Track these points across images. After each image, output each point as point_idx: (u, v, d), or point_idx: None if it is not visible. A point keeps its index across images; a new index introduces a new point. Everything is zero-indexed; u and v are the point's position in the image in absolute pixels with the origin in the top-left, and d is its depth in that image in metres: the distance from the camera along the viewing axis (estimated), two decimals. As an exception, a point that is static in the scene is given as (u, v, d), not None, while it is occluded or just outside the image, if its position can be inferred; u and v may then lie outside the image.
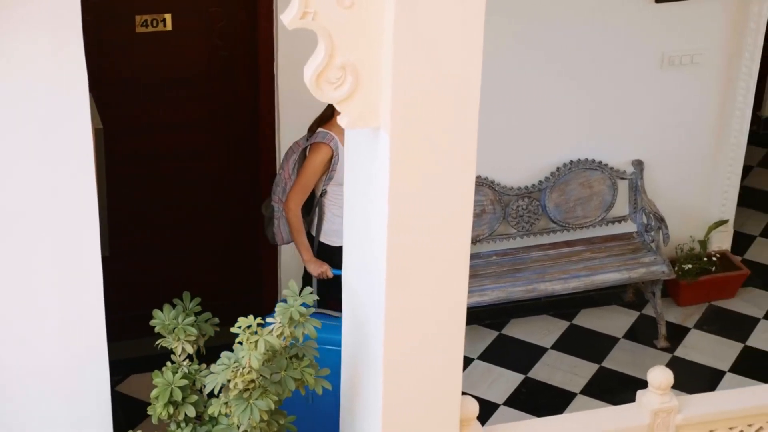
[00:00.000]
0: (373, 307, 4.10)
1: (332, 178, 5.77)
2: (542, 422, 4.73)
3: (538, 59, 6.59)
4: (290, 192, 5.78)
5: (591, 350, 6.78)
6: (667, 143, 7.01)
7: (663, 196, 7.07)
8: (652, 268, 6.75)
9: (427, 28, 3.62)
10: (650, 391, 4.67)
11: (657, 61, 6.75)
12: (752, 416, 4.77)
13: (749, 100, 6.96)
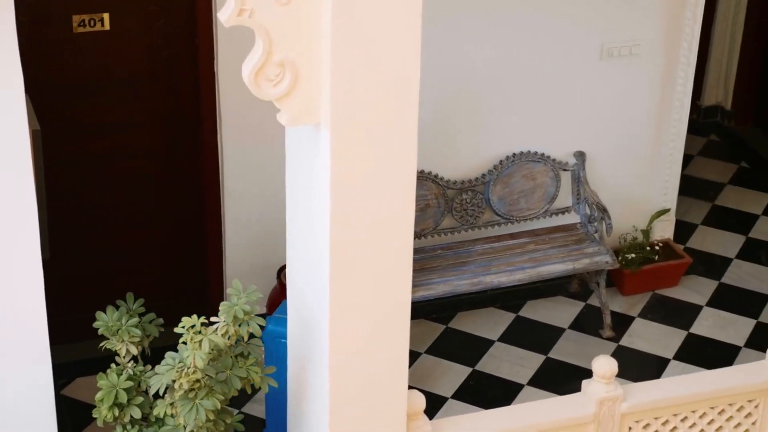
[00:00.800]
0: (318, 303, 4.10)
1: None
2: (489, 414, 4.76)
3: (480, 52, 6.61)
4: None
5: (537, 341, 6.82)
6: (609, 134, 7.06)
7: (605, 186, 7.13)
8: (596, 258, 6.80)
9: (365, 24, 3.62)
10: (595, 380, 4.72)
11: (597, 53, 6.80)
12: (696, 402, 4.83)
13: (688, 89, 7.03)
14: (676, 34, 6.88)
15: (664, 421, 4.83)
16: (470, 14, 6.50)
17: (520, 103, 6.81)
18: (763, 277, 7.40)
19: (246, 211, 6.45)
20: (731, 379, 4.85)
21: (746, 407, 4.89)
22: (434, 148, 6.69)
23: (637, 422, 4.80)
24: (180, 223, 6.50)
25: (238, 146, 6.31)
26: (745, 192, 8.26)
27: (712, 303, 7.17)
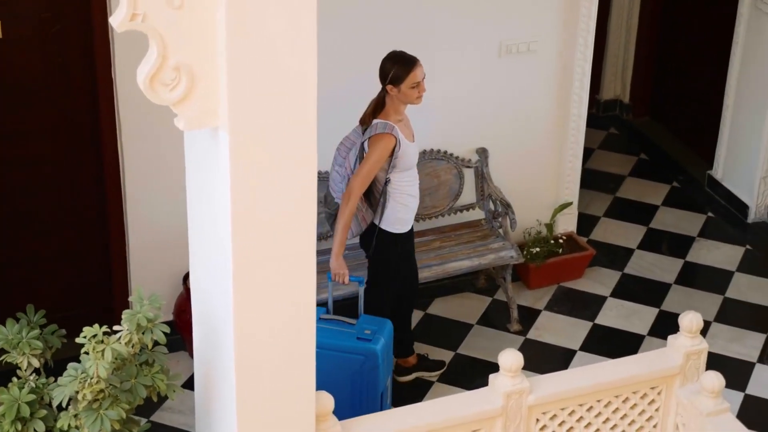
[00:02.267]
0: (222, 307, 4.08)
1: (396, 166, 5.92)
2: (398, 412, 4.76)
3: (379, 51, 6.62)
4: (354, 182, 5.88)
5: (446, 338, 6.87)
6: (510, 130, 7.14)
7: (508, 182, 7.20)
8: (502, 253, 6.87)
9: (260, 26, 3.61)
10: (501, 374, 4.75)
11: (495, 50, 6.87)
12: (601, 392, 4.89)
13: (585, 84, 7.14)
14: (571, 30, 6.98)
15: (570, 411, 4.89)
16: (366, 14, 6.52)
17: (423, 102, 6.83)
18: (664, 267, 7.55)
19: (149, 218, 6.39)
20: (634, 368, 4.93)
21: (649, 394, 4.98)
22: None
23: (544, 414, 4.85)
24: (82, 231, 6.41)
25: (139, 152, 6.25)
26: (645, 183, 8.41)
27: (615, 293, 7.29)
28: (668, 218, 8.03)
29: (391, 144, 5.86)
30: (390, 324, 6.01)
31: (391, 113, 5.94)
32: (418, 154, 6.18)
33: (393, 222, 6.05)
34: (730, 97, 7.90)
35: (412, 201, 6.10)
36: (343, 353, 5.82)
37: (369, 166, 5.86)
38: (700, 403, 4.78)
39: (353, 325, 5.89)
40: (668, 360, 4.94)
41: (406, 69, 5.87)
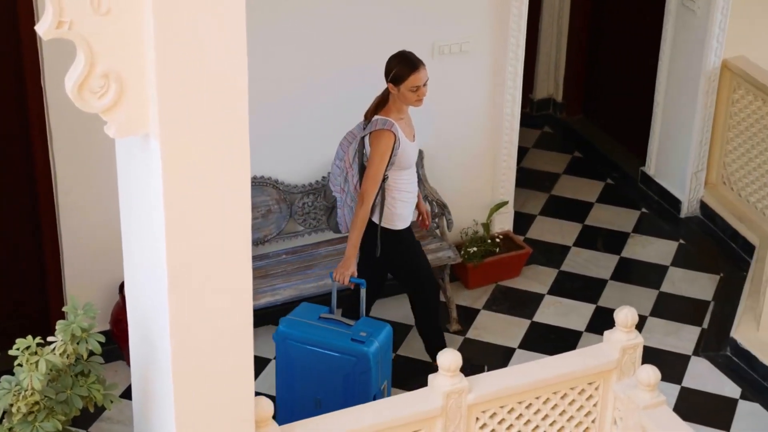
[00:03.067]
0: (158, 314, 4.05)
1: (394, 164, 5.94)
2: (338, 415, 4.75)
3: (313, 55, 6.63)
4: (365, 185, 5.91)
5: (386, 339, 6.87)
6: (445, 131, 7.17)
7: (444, 183, 7.23)
8: (439, 254, 6.89)
9: (189, 31, 3.59)
10: (441, 374, 4.77)
11: (428, 51, 6.89)
12: (539, 389, 4.93)
13: (518, 84, 7.19)
14: (503, 30, 7.03)
15: (509, 409, 4.92)
16: (298, 18, 6.51)
17: (356, 105, 6.83)
18: (600, 263, 7.62)
19: (83, 227, 6.32)
20: (571, 364, 4.97)
21: (587, 390, 5.02)
22: (273, 153, 6.68)
23: (483, 412, 4.87)
24: (16, 242, 6.33)
25: (71, 160, 6.19)
26: (580, 181, 8.49)
27: (553, 291, 7.35)
28: (603, 215, 8.11)
29: (391, 141, 5.91)
30: (389, 329, 5.99)
31: (393, 111, 6.00)
32: (417, 153, 6.21)
33: (392, 219, 6.10)
34: (661, 93, 8.00)
35: (410, 197, 6.14)
36: (336, 353, 5.83)
37: (375, 166, 5.92)
38: (637, 397, 4.82)
39: (351, 327, 5.92)
40: (604, 355, 4.99)
41: (407, 70, 5.93)
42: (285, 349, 5.92)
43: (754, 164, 7.65)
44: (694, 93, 7.68)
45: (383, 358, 5.94)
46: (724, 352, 6.86)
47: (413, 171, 6.16)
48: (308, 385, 5.94)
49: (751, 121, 7.62)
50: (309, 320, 5.94)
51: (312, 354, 5.88)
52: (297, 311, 6.02)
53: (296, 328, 5.91)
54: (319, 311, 6.01)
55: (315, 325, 5.91)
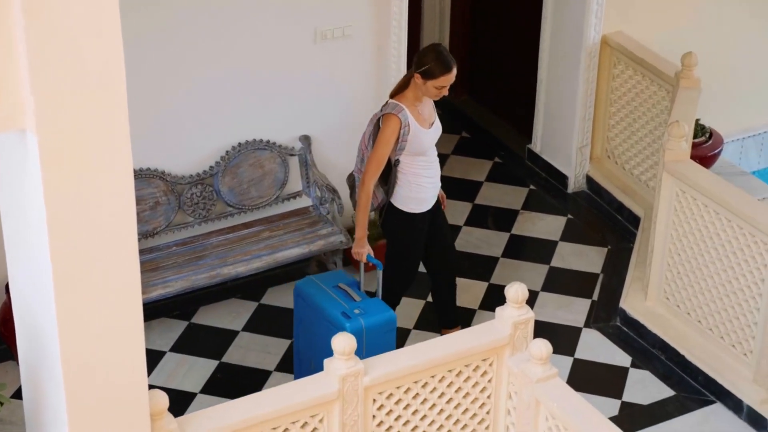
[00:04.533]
0: (45, 313, 3.98)
1: (404, 149, 5.96)
2: (235, 404, 4.73)
3: (195, 45, 6.57)
4: (367, 166, 6.00)
5: (282, 327, 6.86)
6: (331, 116, 7.17)
7: (333, 168, 7.23)
8: (331, 239, 6.90)
9: (60, 25, 3.52)
10: (335, 358, 4.78)
11: (311, 37, 6.88)
12: (434, 368, 4.97)
13: (402, 66, 7.21)
14: (385, 13, 7.04)
15: (406, 389, 4.96)
16: (180, 8, 6.44)
17: (240, 92, 6.81)
18: (491, 242, 7.71)
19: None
20: (465, 342, 5.02)
21: (481, 366, 5.08)
22: (158, 144, 6.61)
23: (380, 393, 4.90)
24: None
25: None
26: (468, 161, 8.57)
27: (446, 270, 7.40)
28: (492, 193, 8.20)
29: (396, 126, 5.93)
30: (389, 316, 6.02)
31: (410, 97, 6.03)
32: (433, 140, 6.18)
33: (405, 201, 6.14)
34: (543, 71, 8.10)
35: (427, 182, 6.16)
36: (326, 321, 5.98)
37: (376, 149, 5.98)
38: (530, 371, 4.90)
39: (353, 301, 6.01)
40: (497, 331, 5.05)
41: (440, 70, 5.96)
42: (297, 304, 6.18)
43: (636, 137, 7.81)
44: (575, 69, 7.80)
45: (375, 341, 5.96)
46: (614, 322, 7.00)
47: (431, 158, 6.17)
48: (309, 343, 6.11)
49: (632, 95, 7.77)
50: (325, 285, 6.09)
51: (312, 316, 6.05)
52: (325, 275, 6.26)
53: (310, 288, 6.10)
54: (342, 281, 6.15)
55: (325, 291, 6.05)
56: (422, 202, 6.20)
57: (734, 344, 6.45)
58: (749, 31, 8.41)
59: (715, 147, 7.65)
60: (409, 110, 6.01)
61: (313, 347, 6.05)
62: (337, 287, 6.11)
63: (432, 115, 6.17)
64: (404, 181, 6.11)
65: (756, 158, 8.94)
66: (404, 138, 5.98)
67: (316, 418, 4.78)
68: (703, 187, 6.40)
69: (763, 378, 6.25)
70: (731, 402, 6.39)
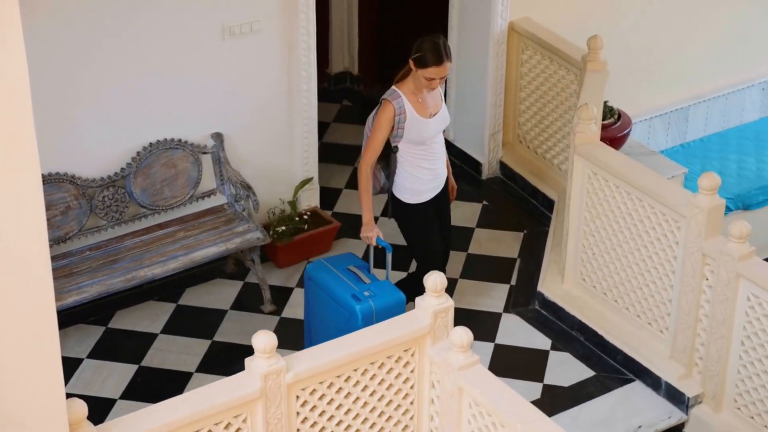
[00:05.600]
0: (-45, 326, 3.89)
1: (401, 136, 5.94)
2: (157, 408, 4.68)
3: (101, 44, 6.46)
4: (363, 150, 6.05)
5: (201, 327, 6.81)
6: (243, 112, 7.11)
7: (247, 164, 7.18)
8: (247, 236, 6.86)
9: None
10: (257, 356, 4.75)
11: (219, 33, 6.82)
12: (356, 361, 4.96)
13: (312, 59, 7.18)
14: (292, 6, 7.01)
15: (329, 384, 4.94)
16: (85, 7, 6.33)
17: (150, 92, 6.73)
18: (408, 231, 7.70)
19: None
20: (386, 334, 5.01)
21: (404, 357, 5.08)
22: (66, 147, 6.51)
23: (303, 390, 4.88)
24: None
25: None
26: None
27: (364, 262, 7.40)
28: (407, 183, 8.19)
29: (390, 112, 5.95)
30: (398, 297, 6.05)
31: (410, 84, 6.04)
32: (434, 130, 6.14)
33: (402, 190, 6.16)
34: (453, 59, 8.11)
35: (425, 173, 6.15)
36: (336, 303, 6.02)
37: (372, 135, 6.03)
38: (452, 359, 4.91)
39: (363, 284, 6.04)
40: (417, 321, 5.06)
41: (432, 61, 5.94)
42: (308, 288, 6.21)
43: (547, 122, 7.88)
44: (484, 56, 7.84)
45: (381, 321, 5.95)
46: (533, 306, 7.06)
47: (431, 149, 6.15)
48: (320, 327, 6.14)
49: (541, 80, 7.83)
50: (336, 268, 6.11)
51: (322, 298, 6.07)
52: (336, 257, 6.29)
53: (320, 271, 6.15)
54: (352, 263, 6.17)
55: (335, 274, 6.06)
56: (418, 193, 6.21)
57: (650, 322, 6.55)
58: (652, 11, 8.53)
59: (623, 128, 7.75)
60: (409, 98, 6.03)
61: (324, 330, 6.08)
62: (347, 270, 6.15)
63: (436, 105, 6.15)
64: (401, 170, 6.14)
65: (664, 137, 9.08)
66: (401, 125, 5.99)
67: (240, 418, 4.74)
68: (613, 168, 6.48)
69: (679, 354, 6.35)
70: (650, 379, 6.48)
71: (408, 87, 6.05)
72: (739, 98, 9.32)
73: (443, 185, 6.37)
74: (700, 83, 9.07)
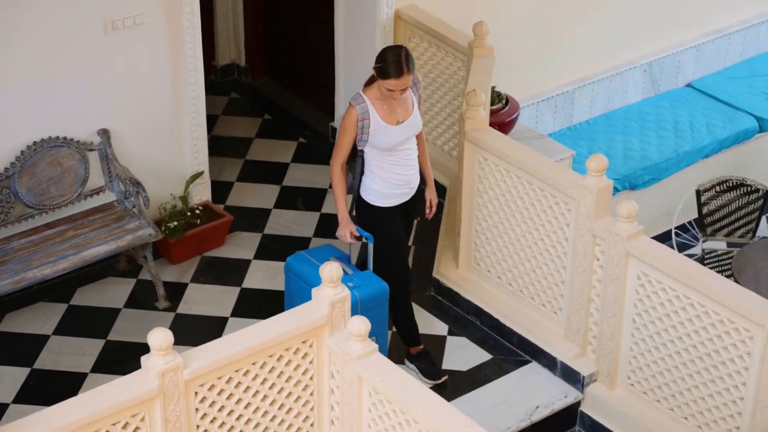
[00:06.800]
0: None
1: (365, 141, 5.99)
2: (51, 411, 4.60)
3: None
4: (332, 155, 6.06)
5: (95, 327, 6.71)
6: (130, 108, 7.01)
7: (136, 160, 7.08)
8: (139, 232, 6.76)
9: None
10: (153, 354, 4.69)
11: (101, 27, 6.70)
12: (254, 354, 4.94)
13: (198, 52, 7.10)
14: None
15: (227, 378, 4.91)
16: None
17: (32, 89, 6.58)
18: (302, 222, 7.70)
19: None
20: (283, 326, 5.00)
21: (302, 348, 5.07)
22: (-53, 149, 6.34)
23: (201, 386, 4.84)
24: None
25: None
26: (273, 143, 8.53)
27: (259, 255, 7.37)
28: (299, 174, 8.18)
29: (352, 117, 5.91)
30: (382, 287, 6.07)
31: (376, 90, 5.98)
32: (401, 138, 6.04)
33: (366, 190, 6.11)
34: (340, 48, 8.12)
35: (394, 178, 6.08)
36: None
37: (338, 139, 6.01)
38: (350, 348, 4.92)
39: (346, 275, 5.98)
40: (314, 312, 5.05)
41: (392, 72, 5.87)
42: (289, 280, 6.19)
43: (437, 108, 7.92)
44: (371, 45, 7.83)
45: (368, 313, 5.82)
46: (429, 292, 7.10)
47: (401, 155, 6.07)
48: None
49: (429, 67, 7.87)
50: (316, 260, 6.08)
51: (305, 291, 5.92)
52: (316, 249, 6.31)
53: (301, 263, 6.14)
54: (333, 255, 6.16)
55: (316, 266, 5.94)
56: (382, 196, 6.13)
57: (544, 304, 6.64)
58: (536, -3, 8.65)
59: (511, 113, 7.83)
60: (374, 104, 5.96)
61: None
62: (329, 261, 6.01)
63: (406, 112, 6.06)
64: (368, 172, 6.09)
65: (551, 121, 9.21)
66: (365, 130, 5.95)
67: (138, 417, 4.68)
68: (503, 152, 6.55)
69: (573, 334, 6.45)
70: (545, 360, 6.58)
71: (374, 93, 6.00)
72: (622, 80, 9.50)
73: (413, 193, 6.27)
74: (585, 66, 9.22)
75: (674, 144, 9.19)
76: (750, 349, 5.62)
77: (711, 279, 5.77)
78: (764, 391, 5.56)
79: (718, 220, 8.25)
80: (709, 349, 5.80)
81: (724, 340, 5.73)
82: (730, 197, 8.19)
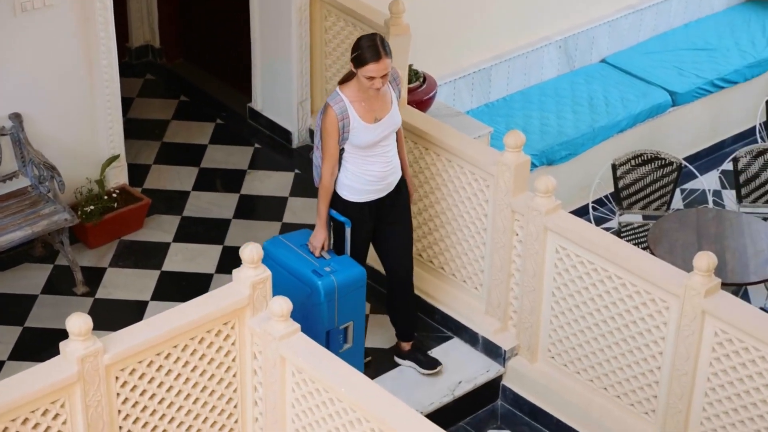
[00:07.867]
0: None
1: (346, 139, 5.85)
2: (-32, 401, 4.52)
3: None
4: (322, 162, 5.91)
5: (11, 314, 6.61)
6: (42, 91, 6.89)
7: (50, 144, 6.97)
8: (54, 217, 6.67)
9: None
10: (72, 339, 4.64)
11: (10, 9, 6.57)
12: (175, 337, 4.90)
13: (111, 33, 7.00)
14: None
15: (148, 362, 4.87)
16: None
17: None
18: (221, 203, 7.66)
19: None
20: (203, 308, 4.97)
21: (223, 330, 5.05)
22: None
23: (122, 370, 4.80)
24: None
25: None
26: (190, 125, 8.45)
27: (178, 238, 7.32)
28: (218, 155, 8.12)
29: (332, 118, 5.77)
30: (359, 272, 5.99)
31: (354, 87, 5.81)
32: (379, 137, 5.90)
33: (340, 185, 5.98)
34: (256, 29, 8.06)
35: (370, 175, 5.95)
36: (296, 279, 5.92)
37: (324, 145, 5.86)
38: (272, 329, 4.91)
39: (323, 259, 5.92)
40: (235, 294, 5.03)
41: (369, 57, 5.69)
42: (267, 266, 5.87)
43: (354, 87, 7.90)
44: (287, 25, 7.80)
45: (346, 298, 5.87)
46: (350, 271, 7.09)
47: (380, 151, 5.93)
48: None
49: (345, 46, 7.84)
50: (294, 245, 5.99)
51: (281, 276, 5.90)
52: (292, 234, 6.17)
53: (277, 247, 6.04)
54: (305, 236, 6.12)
55: (294, 251, 5.94)
56: (353, 191, 5.99)
57: (465, 280, 6.68)
58: (452, -25, 8.67)
59: (429, 90, 7.85)
60: (352, 102, 5.81)
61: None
62: (305, 245, 6.04)
63: (384, 108, 5.91)
64: (344, 167, 5.95)
65: (468, 98, 9.25)
66: (345, 129, 5.82)
67: (57, 403, 4.63)
68: (421, 130, 6.56)
69: (494, 309, 6.51)
70: (467, 335, 6.63)
71: (351, 91, 5.82)
72: (538, 56, 9.58)
73: (392, 190, 6.12)
74: (501, 43, 9.28)
75: (590, 119, 9.28)
76: (666, 319, 5.72)
77: (627, 251, 5.85)
78: (680, 360, 5.67)
79: (633, 193, 8.37)
80: (627, 320, 5.90)
81: (641, 311, 5.82)
82: (644, 171, 8.32)
